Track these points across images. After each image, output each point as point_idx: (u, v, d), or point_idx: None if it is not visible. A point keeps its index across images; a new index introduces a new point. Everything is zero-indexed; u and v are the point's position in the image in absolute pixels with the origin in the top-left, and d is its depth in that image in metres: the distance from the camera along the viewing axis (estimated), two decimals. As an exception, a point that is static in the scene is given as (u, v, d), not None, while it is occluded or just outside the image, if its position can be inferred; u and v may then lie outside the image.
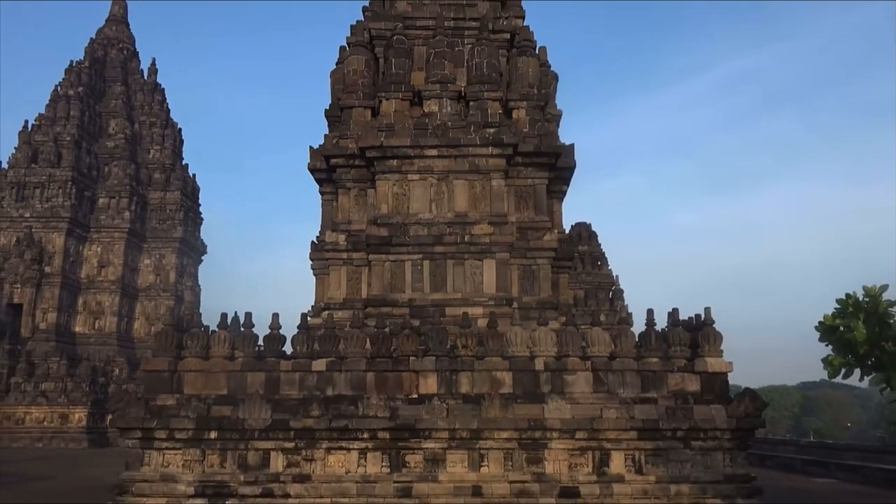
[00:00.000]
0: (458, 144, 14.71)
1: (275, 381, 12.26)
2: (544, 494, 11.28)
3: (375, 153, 14.84)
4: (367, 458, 11.65)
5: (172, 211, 55.05)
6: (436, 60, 15.68)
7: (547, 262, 14.71)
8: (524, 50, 16.01)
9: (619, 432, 11.40)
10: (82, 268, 50.34)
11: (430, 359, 12.15)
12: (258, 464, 11.72)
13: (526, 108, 15.56)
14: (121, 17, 59.83)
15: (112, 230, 51.08)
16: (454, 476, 11.47)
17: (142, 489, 11.65)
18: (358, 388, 12.12)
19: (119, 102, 54.98)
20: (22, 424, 39.10)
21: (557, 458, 11.50)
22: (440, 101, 15.42)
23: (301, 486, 11.47)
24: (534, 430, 11.42)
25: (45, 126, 50.52)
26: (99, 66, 55.71)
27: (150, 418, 11.75)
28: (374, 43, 16.65)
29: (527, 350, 12.15)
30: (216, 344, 12.43)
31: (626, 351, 12.06)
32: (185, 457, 11.78)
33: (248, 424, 11.60)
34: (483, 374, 12.10)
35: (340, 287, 14.91)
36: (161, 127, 56.91)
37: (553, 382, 11.98)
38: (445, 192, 14.90)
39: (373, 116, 15.81)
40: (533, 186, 15.24)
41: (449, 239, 14.35)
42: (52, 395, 39.69)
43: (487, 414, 11.49)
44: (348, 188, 15.51)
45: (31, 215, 47.97)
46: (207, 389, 12.22)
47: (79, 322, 49.53)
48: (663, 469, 11.46)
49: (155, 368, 12.40)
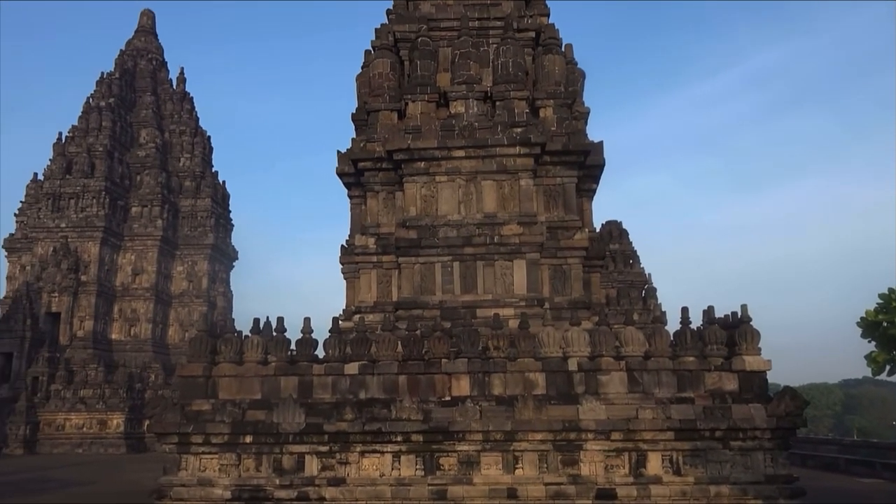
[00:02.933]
0: (485, 145, 14.64)
1: (308, 385, 12.31)
2: (580, 496, 11.14)
3: (403, 156, 14.84)
4: (400, 460, 11.63)
5: (203, 218, 55.77)
6: (461, 61, 15.63)
7: (578, 262, 14.57)
8: (550, 48, 15.88)
9: (655, 433, 11.23)
10: (117, 276, 51.24)
11: (463, 361, 12.10)
12: (293, 467, 11.77)
13: (553, 106, 15.44)
14: (149, 28, 60.83)
15: (145, 238, 51.92)
16: (489, 478, 11.40)
17: (180, 493, 11.77)
18: (390, 391, 12.11)
19: (149, 112, 55.88)
20: (62, 431, 39.90)
21: (593, 460, 11.36)
22: (466, 102, 15.36)
23: (336, 490, 11.49)
24: (568, 431, 11.30)
25: (79, 137, 51.53)
26: (129, 76, 56.69)
27: (187, 423, 11.87)
28: (398, 46, 16.66)
29: (560, 351, 12.03)
30: (249, 349, 12.52)
31: (661, 350, 11.87)
32: (222, 461, 11.88)
33: (282, 428, 11.66)
34: (516, 376, 12.01)
35: (371, 290, 14.93)
36: (190, 135, 57.72)
37: (587, 383, 11.85)
38: (474, 192, 14.84)
39: (399, 119, 15.81)
40: (562, 185, 15.11)
41: (478, 240, 14.28)
42: (91, 402, 40.43)
43: (521, 416, 11.40)
44: (376, 191, 15.53)
45: (66, 225, 48.94)
46: (242, 394, 12.31)
47: (115, 329, 50.41)
48: (702, 470, 11.26)
49: (190, 374, 12.53)
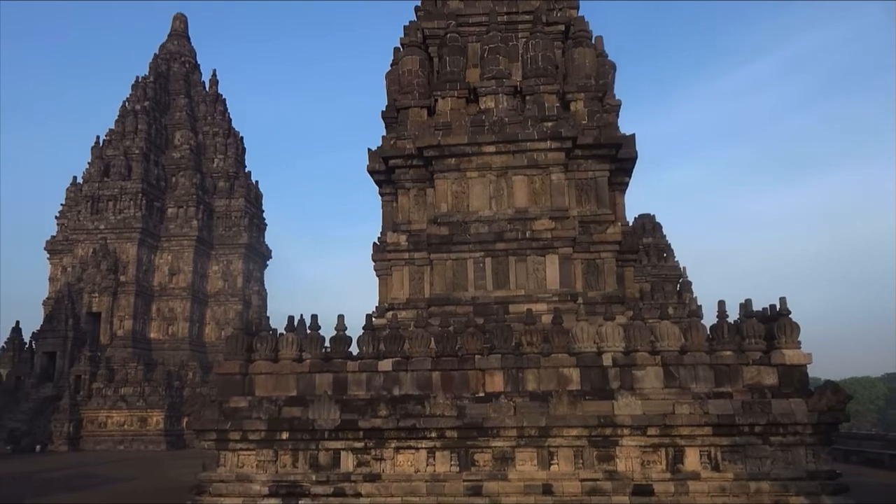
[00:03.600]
0: (515, 140, 14.57)
1: (342, 381, 12.40)
2: (617, 493, 11.06)
3: (433, 152, 14.84)
4: (435, 457, 11.65)
5: (237, 218, 56.51)
6: (490, 56, 15.57)
7: (611, 256, 14.44)
8: (580, 41, 15.74)
9: (692, 428, 11.08)
10: (154, 276, 52.18)
11: (496, 357, 12.07)
12: (329, 464, 11.87)
13: (584, 99, 15.30)
14: (182, 32, 61.77)
15: (181, 238, 52.78)
16: (524, 474, 11.37)
17: (219, 489, 11.96)
18: (424, 387, 12.14)
19: (183, 114, 56.77)
20: (104, 428, 40.82)
21: (629, 456, 11.26)
22: (496, 97, 15.31)
23: (372, 486, 11.56)
24: (604, 426, 11.21)
25: (115, 141, 52.58)
26: (163, 80, 57.65)
27: (224, 420, 12.04)
28: (427, 42, 16.66)
29: (594, 346, 11.94)
30: (284, 346, 12.66)
31: (697, 344, 11.70)
32: (259, 457, 12.03)
33: (317, 425, 11.76)
34: (549, 371, 11.95)
35: (403, 287, 14.97)
36: (224, 136, 58.50)
37: (622, 378, 11.74)
38: (505, 188, 14.79)
39: (429, 116, 15.82)
40: (594, 179, 14.98)
41: (510, 235, 14.23)
42: (131, 400, 41.30)
43: (555, 411, 11.34)
44: (407, 188, 15.57)
45: (105, 227, 49.99)
46: (277, 391, 12.45)
47: (153, 328, 51.38)
48: (741, 466, 11.08)
49: (227, 372, 12.70)
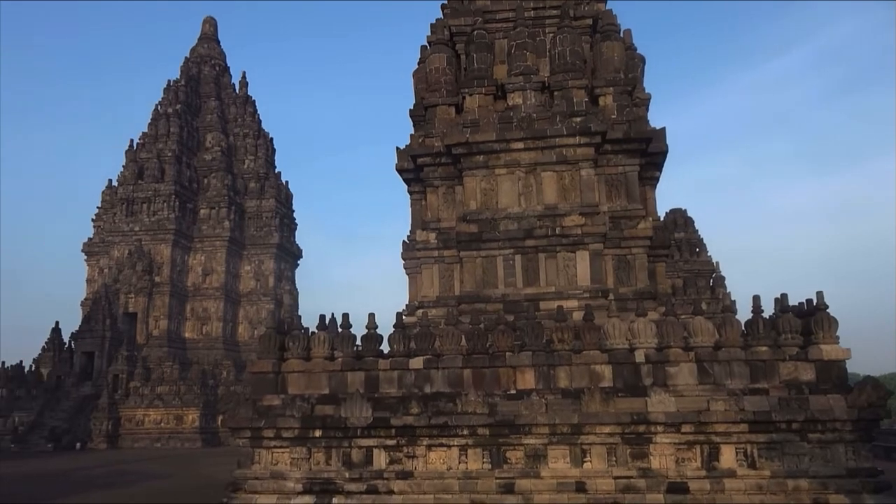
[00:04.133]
0: (544, 136, 14.50)
1: (374, 379, 12.47)
2: (651, 490, 10.95)
3: (461, 150, 14.83)
4: (467, 454, 11.66)
5: (268, 218, 57.15)
6: (517, 52, 15.51)
7: (642, 251, 14.29)
8: (608, 34, 15.59)
9: (728, 425, 10.93)
10: (188, 276, 53.03)
11: (527, 354, 12.03)
12: (362, 461, 11.95)
13: (613, 93, 15.16)
14: (212, 35, 62.58)
15: (214, 239, 53.55)
16: (556, 472, 11.32)
17: (254, 486, 12.11)
18: (455, 384, 12.16)
19: (214, 117, 57.55)
20: (142, 426, 41.64)
21: (663, 453, 11.14)
22: (524, 93, 15.25)
23: (404, 483, 11.61)
24: (637, 424, 11.11)
25: (149, 144, 53.51)
26: (194, 83, 58.50)
27: (258, 418, 12.19)
28: (454, 40, 16.65)
29: (626, 342, 11.84)
30: (316, 345, 12.77)
31: (731, 340, 11.54)
32: (293, 455, 12.16)
33: (350, 423, 11.85)
34: (581, 368, 11.89)
35: (433, 285, 15.00)
36: (254, 137, 59.17)
37: (655, 375, 11.62)
38: (534, 184, 14.73)
39: (457, 113, 15.81)
40: (624, 174, 14.84)
41: (540, 232, 14.17)
42: (167, 398, 42.04)
43: (588, 408, 11.27)
44: (436, 186, 15.58)
45: (140, 229, 50.92)
46: (310, 389, 12.57)
47: (188, 328, 52.22)
48: (779, 463, 10.90)
49: (260, 370, 12.86)
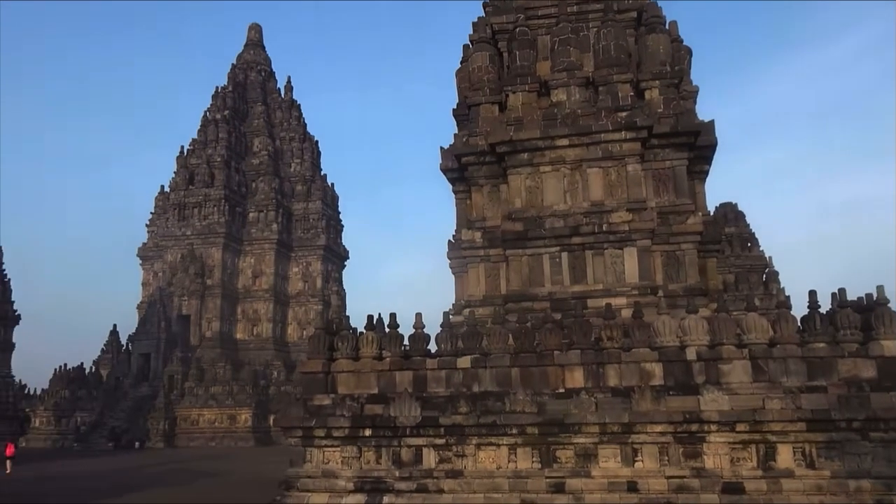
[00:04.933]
0: (589, 132, 14.34)
1: (422, 379, 12.53)
2: (705, 490, 10.74)
3: (505, 148, 14.78)
4: (517, 453, 11.62)
5: (315, 220, 57.93)
6: (560, 48, 15.39)
7: (692, 247, 14.03)
8: (653, 27, 15.35)
9: (785, 424, 10.64)
10: (238, 278, 54.13)
11: (575, 352, 11.93)
12: (411, 460, 12.02)
13: (659, 87, 14.91)
14: (257, 41, 63.71)
15: (262, 242, 54.55)
16: (607, 471, 11.20)
17: (306, 484, 12.30)
18: (503, 383, 12.13)
19: (261, 122, 58.60)
20: (196, 425, 42.69)
21: (717, 452, 10.92)
22: (568, 90, 15.11)
23: (454, 482, 11.64)
24: (689, 422, 10.91)
25: (198, 150, 54.80)
26: (241, 89, 59.66)
27: (309, 418, 12.38)
28: (497, 38, 16.60)
29: (677, 340, 11.64)
30: (365, 345, 12.89)
31: (787, 337, 11.24)
32: (343, 454, 12.30)
33: (399, 422, 11.93)
34: (631, 367, 11.73)
35: (480, 284, 14.99)
36: (300, 141, 60.06)
37: (707, 372, 11.40)
38: (579, 181, 14.59)
39: (500, 111, 15.76)
40: (672, 168, 14.58)
41: (586, 229, 14.02)
42: (221, 398, 43.01)
43: (638, 407, 11.11)
44: (481, 185, 15.56)
45: (191, 233, 52.19)
46: (359, 389, 12.70)
47: (239, 329, 53.31)
48: (839, 463, 10.57)
49: (310, 370, 13.05)
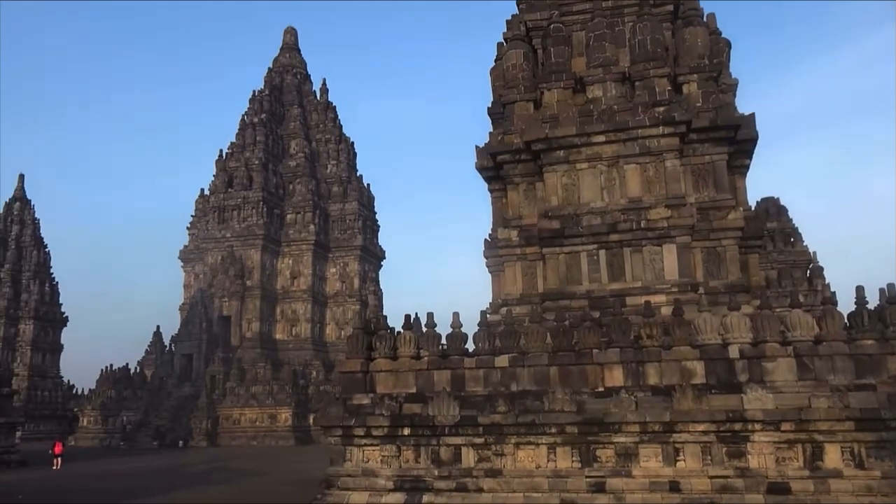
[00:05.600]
0: (626, 127, 14.19)
1: (460, 378, 12.54)
2: (750, 490, 10.54)
3: (541, 145, 14.70)
4: (556, 452, 11.56)
5: (351, 221, 58.35)
6: (596, 44, 15.25)
7: (733, 243, 13.78)
8: (690, 20, 15.11)
9: (832, 423, 10.38)
10: (277, 279, 54.80)
11: (614, 351, 11.82)
12: (450, 459, 12.04)
13: (697, 80, 14.69)
14: (293, 45, 64.46)
15: (300, 243, 55.13)
16: (649, 471, 11.06)
17: (346, 483, 12.40)
18: (541, 382, 12.07)
19: (297, 124, 59.25)
20: (238, 424, 43.35)
21: (762, 452, 10.70)
22: (604, 85, 14.97)
23: (493, 481, 11.62)
24: (733, 421, 10.71)
25: (237, 153, 55.62)
26: (277, 92, 60.40)
27: (349, 417, 12.48)
28: (531, 35, 16.52)
29: (718, 337, 11.44)
30: (403, 344, 12.95)
31: (833, 333, 10.96)
32: (383, 453, 12.38)
33: (437, 421, 11.95)
34: (672, 365, 11.57)
35: (516, 283, 14.94)
36: (335, 142, 60.56)
37: (751, 371, 11.18)
38: (616, 178, 14.44)
39: (535, 109, 15.68)
40: (711, 163, 14.35)
41: (624, 226, 13.88)
42: (261, 398, 43.59)
43: (680, 406, 10.95)
44: (516, 183, 15.51)
45: (231, 235, 53.00)
46: (397, 388, 12.76)
47: (278, 329, 53.97)
48: (889, 463, 10.27)
49: (349, 370, 13.15)
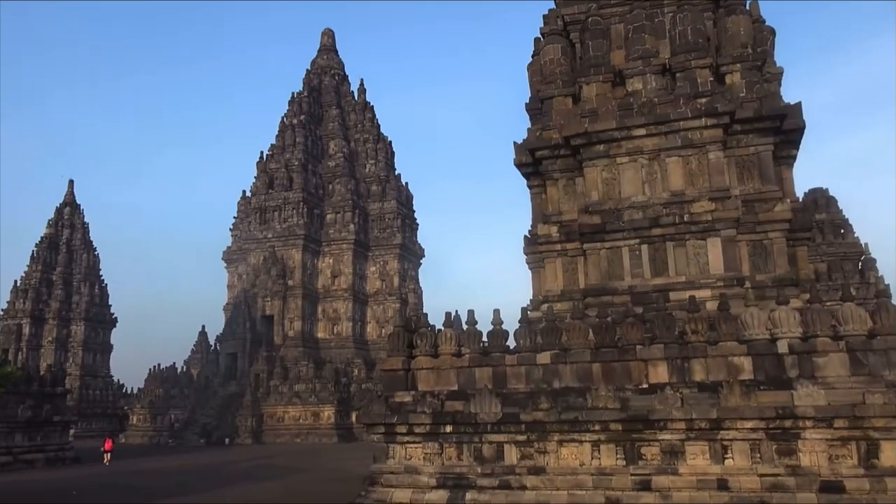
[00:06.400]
0: (667, 120, 13.95)
1: (501, 375, 12.50)
2: (801, 489, 10.27)
3: (580, 140, 14.55)
4: (600, 450, 11.44)
5: (390, 219, 58.63)
6: (635, 36, 15.03)
7: (780, 235, 13.45)
8: (732, 8, 14.78)
9: (888, 419, 10.06)
10: (318, 279, 55.38)
11: (659, 346, 11.64)
12: (493, 456, 12.01)
13: (740, 70, 14.36)
14: (330, 46, 65.00)
15: (340, 242, 55.61)
16: (696, 468, 10.87)
17: (389, 480, 12.47)
18: (584, 379, 11.95)
19: (336, 124, 59.76)
20: (282, 422, 43.94)
21: (814, 449, 10.42)
22: (644, 78, 14.74)
23: (537, 479, 11.55)
24: (783, 418, 10.45)
25: (277, 154, 56.36)
26: (315, 93, 61.00)
27: (391, 414, 12.54)
28: (568, 29, 16.36)
29: (766, 332, 11.18)
30: (444, 342, 12.96)
31: (888, 327, 10.61)
32: (425, 450, 12.41)
33: (479, 418, 11.93)
34: (718, 360, 11.34)
35: (557, 279, 14.83)
36: (374, 142, 60.90)
37: (801, 366, 10.90)
38: (658, 171, 14.21)
39: (574, 103, 15.53)
40: (756, 154, 14.02)
41: (666, 220, 13.65)
42: (304, 396, 44.12)
43: (727, 402, 10.74)
44: (556, 179, 15.39)
45: (272, 235, 53.74)
46: (439, 385, 12.78)
47: (320, 328, 54.53)
48: (950, 461, 9.91)
49: (391, 368, 13.22)
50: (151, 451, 36.38)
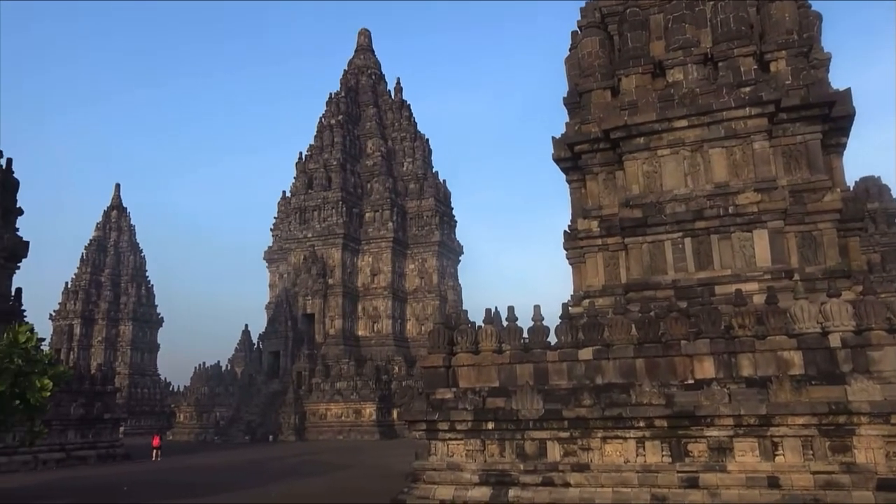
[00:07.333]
0: (709, 110, 13.66)
1: (543, 371, 12.39)
2: (857, 487, 9.95)
3: (620, 133, 14.35)
4: (645, 446, 11.26)
5: (428, 217, 58.74)
6: (675, 26, 14.74)
7: (830, 226, 13.06)
8: (776, -6, 14.39)
9: (948, 415, 9.69)
10: (358, 277, 55.80)
11: (704, 341, 11.40)
12: (535, 453, 11.92)
13: (786, 57, 13.99)
14: (367, 46, 65.37)
15: (379, 241, 55.94)
16: (745, 466, 10.62)
17: (431, 477, 12.48)
18: (627, 375, 11.78)
19: (373, 124, 60.08)
20: (324, 419, 44.42)
21: (870, 446, 10.09)
22: (684, 68, 14.45)
23: (580, 476, 11.43)
24: (836, 414, 10.15)
25: (315, 154, 56.91)
26: (352, 93, 61.42)
27: (433, 411, 12.54)
28: (606, 21, 16.14)
29: (817, 326, 10.86)
30: (484, 339, 12.91)
31: (947, 319, 10.22)
32: (467, 447, 12.38)
33: (521, 415, 11.86)
34: (766, 355, 11.06)
35: (598, 274, 14.66)
36: (411, 140, 61.08)
37: (854, 360, 10.56)
38: (701, 163, 13.93)
39: (613, 96, 15.32)
40: (804, 143, 13.64)
41: (710, 212, 13.37)
42: (346, 393, 44.52)
43: (776, 398, 10.46)
44: (595, 173, 15.20)
45: (312, 235, 54.30)
46: (480, 382, 12.73)
47: (360, 326, 54.95)
48: None
49: (431, 365, 13.22)
50: (198, 448, 37.11)
